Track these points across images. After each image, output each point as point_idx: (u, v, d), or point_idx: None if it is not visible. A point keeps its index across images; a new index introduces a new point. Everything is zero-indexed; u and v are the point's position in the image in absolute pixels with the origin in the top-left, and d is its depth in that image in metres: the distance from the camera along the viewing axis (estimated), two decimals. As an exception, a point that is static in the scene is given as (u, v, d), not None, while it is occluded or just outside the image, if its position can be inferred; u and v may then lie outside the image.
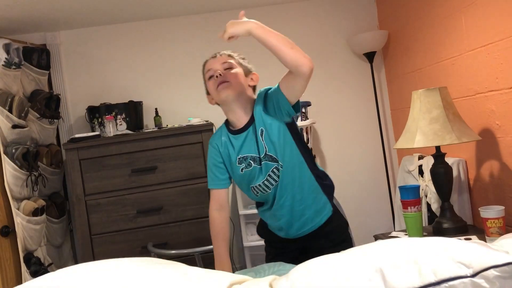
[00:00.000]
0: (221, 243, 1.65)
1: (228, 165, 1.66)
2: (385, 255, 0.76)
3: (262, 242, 2.74)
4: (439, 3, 2.37)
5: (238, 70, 1.62)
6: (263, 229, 1.84)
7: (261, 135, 1.58)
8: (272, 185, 1.62)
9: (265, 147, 1.58)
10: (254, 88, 1.68)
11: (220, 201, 1.68)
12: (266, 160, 1.59)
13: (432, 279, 0.70)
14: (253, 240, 2.78)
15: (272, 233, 1.78)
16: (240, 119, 1.61)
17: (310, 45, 3.17)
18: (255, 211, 2.79)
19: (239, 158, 1.62)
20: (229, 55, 1.65)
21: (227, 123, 1.69)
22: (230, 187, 3.07)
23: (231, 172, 1.67)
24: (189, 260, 2.59)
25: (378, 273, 0.73)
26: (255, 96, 1.64)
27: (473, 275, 0.70)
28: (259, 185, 1.63)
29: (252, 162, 1.61)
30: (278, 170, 1.59)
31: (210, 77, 1.62)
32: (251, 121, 1.61)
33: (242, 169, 1.62)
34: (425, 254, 0.73)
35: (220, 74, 1.58)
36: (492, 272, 0.70)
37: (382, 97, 3.24)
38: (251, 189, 1.66)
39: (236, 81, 1.59)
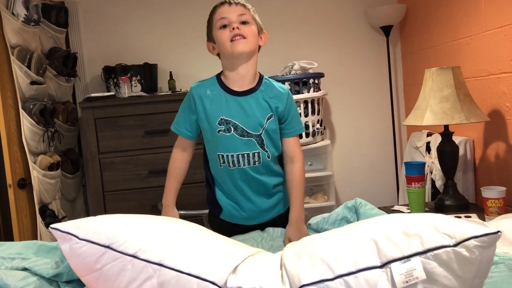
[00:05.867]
0: (173, 180, 1.64)
1: (202, 121, 1.56)
2: (379, 228, 0.84)
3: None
4: (460, -20, 2.34)
5: (253, 27, 1.53)
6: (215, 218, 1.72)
7: (267, 119, 1.54)
8: (244, 165, 1.56)
9: (264, 129, 1.53)
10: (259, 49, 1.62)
11: (184, 145, 1.64)
12: (253, 138, 1.53)
13: (420, 249, 0.77)
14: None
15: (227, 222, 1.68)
16: (242, 80, 1.54)
17: (326, 15, 3.15)
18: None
19: (221, 119, 1.52)
20: (245, 6, 1.53)
21: (220, 77, 1.59)
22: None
23: (204, 127, 1.57)
24: (196, 221, 2.68)
25: (372, 243, 0.81)
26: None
27: (455, 245, 0.78)
28: (228, 155, 1.55)
29: (232, 129, 1.52)
30: (259, 157, 1.55)
31: (223, 26, 1.50)
32: (255, 88, 1.55)
33: (219, 131, 1.53)
34: (413, 227, 0.81)
35: (238, 27, 1.48)
36: (472, 242, 0.77)
37: (396, 72, 3.24)
38: (218, 156, 1.58)
39: (252, 39, 1.51)
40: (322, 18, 3.16)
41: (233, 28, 1.48)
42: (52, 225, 0.85)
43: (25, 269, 1.18)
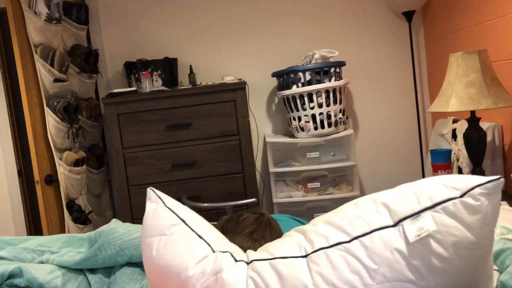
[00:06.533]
0: None
1: None
2: (388, 193, 0.91)
3: (291, 199, 2.83)
4: (485, -40, 2.26)
5: None
6: None
7: None
8: None
9: None
10: None
11: None
12: None
13: (429, 204, 0.83)
14: (282, 197, 2.86)
15: None
16: None
17: (347, 2, 3.10)
18: (285, 169, 2.86)
19: None
20: None
21: None
22: (261, 145, 3.15)
23: None
24: (220, 213, 2.70)
25: (384, 206, 0.87)
26: None
27: (462, 196, 0.82)
28: None
29: None
30: None
31: None
32: None
33: None
34: (422, 186, 0.88)
35: None
36: (476, 190, 0.82)
37: (419, 58, 3.17)
38: None
39: None
40: (342, 6, 3.11)
41: None
42: (150, 187, 1.04)
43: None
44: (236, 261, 0.87)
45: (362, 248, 0.81)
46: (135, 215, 2.73)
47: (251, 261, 0.87)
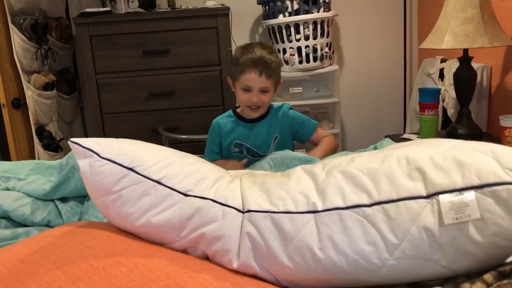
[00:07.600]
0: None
1: (222, 144, 1.80)
2: (425, 156, 0.73)
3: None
4: None
5: (271, 93, 1.71)
6: None
7: (274, 140, 1.75)
8: None
9: (272, 151, 1.73)
10: None
11: None
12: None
13: (475, 182, 0.68)
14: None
15: None
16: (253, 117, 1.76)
17: None
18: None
19: (236, 142, 1.75)
20: (270, 76, 1.65)
21: (235, 110, 1.82)
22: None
23: (223, 149, 1.81)
24: (198, 146, 2.62)
25: (419, 172, 0.72)
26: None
27: None
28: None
29: (245, 151, 1.76)
30: None
31: (246, 89, 1.67)
32: (263, 116, 1.75)
33: (234, 152, 1.76)
34: (469, 156, 0.71)
35: (257, 99, 1.67)
36: None
37: (411, -7, 3.02)
38: None
39: (267, 105, 1.74)
40: None
41: (254, 95, 1.66)
42: (72, 139, 0.80)
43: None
44: (226, 206, 0.76)
45: (384, 217, 0.69)
46: (109, 144, 2.62)
47: (248, 211, 0.75)
